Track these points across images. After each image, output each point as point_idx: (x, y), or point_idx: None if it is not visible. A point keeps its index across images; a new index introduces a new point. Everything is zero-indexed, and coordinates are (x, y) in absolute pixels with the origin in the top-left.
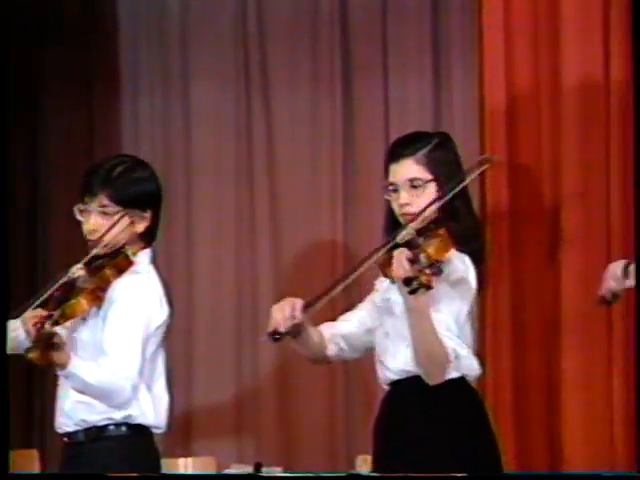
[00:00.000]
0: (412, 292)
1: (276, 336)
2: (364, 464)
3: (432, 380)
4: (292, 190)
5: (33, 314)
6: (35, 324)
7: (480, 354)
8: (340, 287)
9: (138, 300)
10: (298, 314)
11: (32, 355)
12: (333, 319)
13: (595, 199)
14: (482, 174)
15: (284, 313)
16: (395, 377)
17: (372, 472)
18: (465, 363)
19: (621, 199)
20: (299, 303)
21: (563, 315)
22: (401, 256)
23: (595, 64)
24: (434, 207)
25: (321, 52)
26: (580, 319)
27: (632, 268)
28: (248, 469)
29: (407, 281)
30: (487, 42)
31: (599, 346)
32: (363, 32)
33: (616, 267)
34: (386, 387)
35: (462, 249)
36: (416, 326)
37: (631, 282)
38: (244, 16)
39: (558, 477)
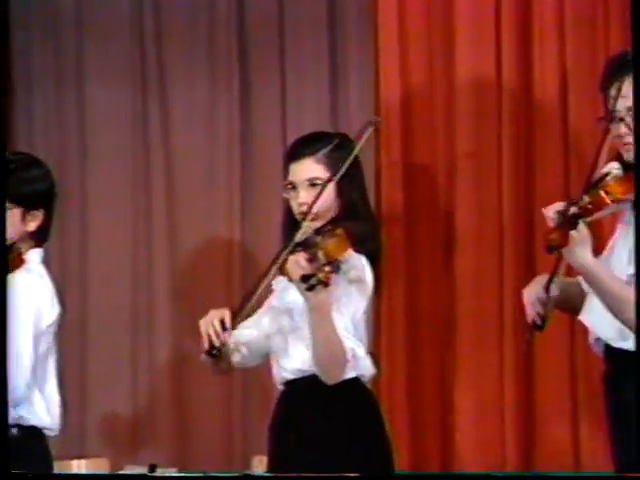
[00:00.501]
0: (310, 289)
1: (213, 352)
2: (260, 464)
3: (330, 380)
4: (189, 189)
5: None
6: None
7: (375, 354)
8: (259, 291)
9: (29, 298)
10: (229, 324)
11: None
12: None
13: (487, 200)
14: (378, 175)
15: (215, 327)
16: (291, 377)
17: (267, 472)
18: (362, 363)
19: (513, 199)
20: (228, 313)
21: (457, 316)
22: (298, 256)
23: (487, 64)
24: (331, 202)
25: (218, 52)
26: (473, 320)
27: (556, 280)
28: (142, 470)
29: (304, 278)
30: (382, 43)
31: (492, 347)
32: (260, 33)
33: (531, 290)
34: (281, 387)
35: (359, 249)
36: (317, 325)
37: (554, 293)
38: (140, 15)
39: (561, 478)
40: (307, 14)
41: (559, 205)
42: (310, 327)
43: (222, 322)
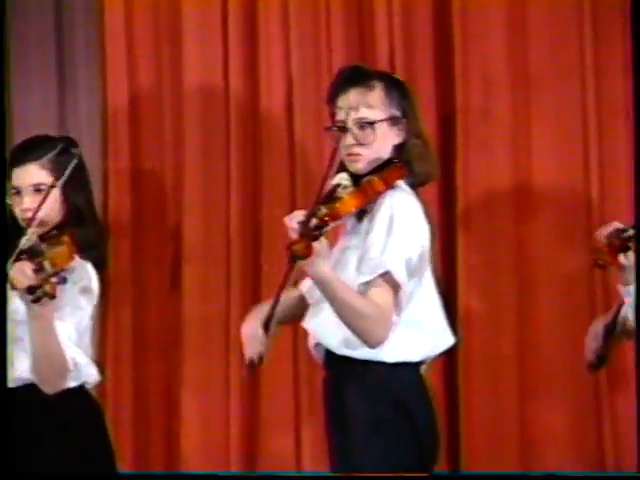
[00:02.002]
0: (36, 300)
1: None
2: None
3: (49, 389)
4: None
5: None
6: None
7: (100, 361)
8: None
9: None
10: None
11: None
12: None
13: (215, 209)
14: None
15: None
16: (15, 385)
17: None
18: (85, 371)
19: (240, 208)
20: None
21: (184, 325)
22: (24, 264)
23: (215, 71)
24: (56, 207)
25: None
26: (200, 329)
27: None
28: None
29: (30, 290)
30: (109, 46)
31: (217, 355)
32: None
33: (248, 328)
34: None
35: (85, 256)
36: (37, 334)
37: (273, 331)
38: None
39: (558, 477)
40: (33, 13)
41: (300, 215)
42: (30, 336)
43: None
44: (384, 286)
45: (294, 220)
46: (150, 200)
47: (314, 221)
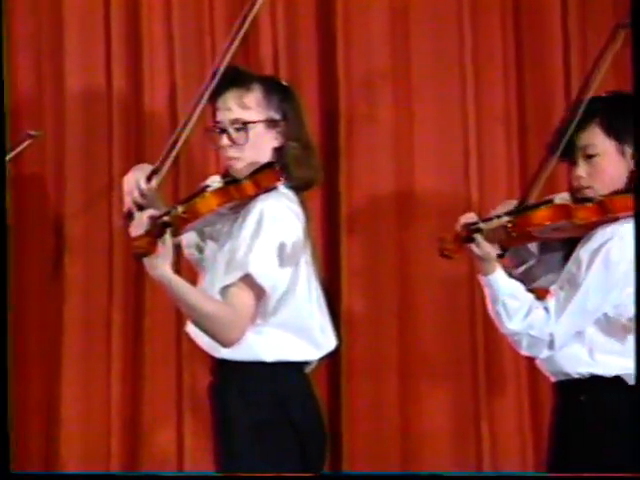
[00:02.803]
0: None
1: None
2: None
3: None
4: None
5: None
6: None
7: None
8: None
9: None
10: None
11: None
12: None
13: (97, 207)
14: None
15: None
16: None
17: None
18: None
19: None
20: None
21: (65, 323)
22: None
23: (97, 74)
24: None
25: None
26: (81, 328)
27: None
28: None
29: None
30: None
31: (100, 354)
32: None
33: (131, 178)
34: None
35: None
36: None
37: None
38: None
39: (558, 477)
40: None
41: (152, 212)
42: None
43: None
44: (244, 288)
45: (145, 215)
46: (30, 200)
47: (165, 218)
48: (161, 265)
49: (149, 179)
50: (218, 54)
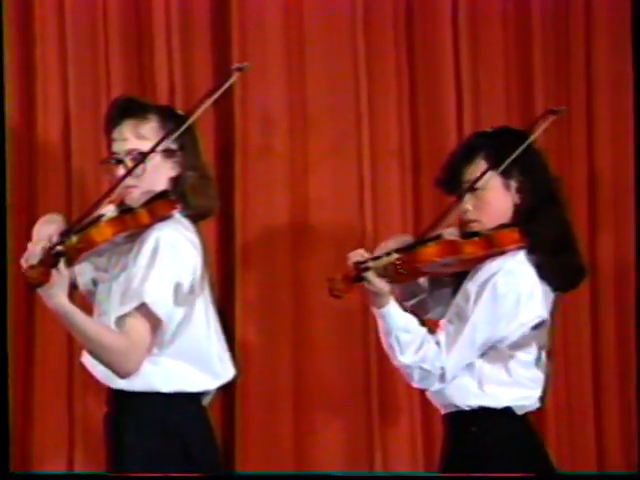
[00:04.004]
0: None
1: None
2: None
3: None
4: None
5: None
6: None
7: None
8: None
9: None
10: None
11: None
12: None
13: None
14: None
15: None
16: None
17: None
18: None
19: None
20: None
21: None
22: None
23: None
24: None
25: None
26: None
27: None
28: None
29: None
30: None
31: None
32: None
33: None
34: None
35: None
36: None
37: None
38: None
39: (558, 477)
40: None
41: (45, 241)
42: None
43: None
44: (139, 318)
45: (38, 246)
46: None
47: (58, 248)
48: (57, 295)
49: (64, 235)
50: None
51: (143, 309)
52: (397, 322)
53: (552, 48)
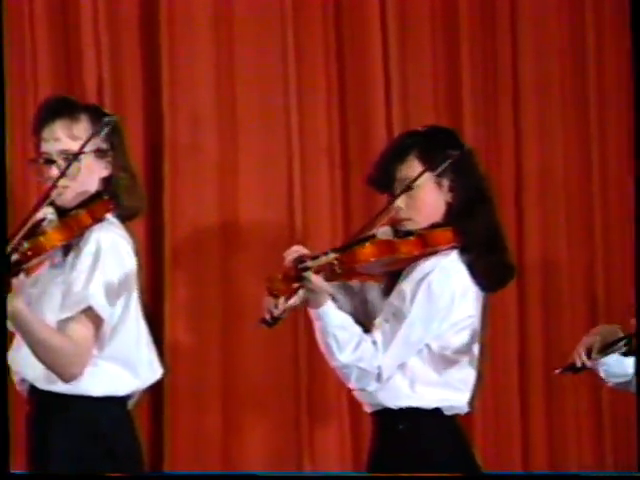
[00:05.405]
0: None
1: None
2: None
3: None
4: None
5: None
6: None
7: None
8: None
9: None
10: None
11: None
12: None
13: None
14: None
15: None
16: None
17: None
18: None
19: None
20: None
21: None
22: None
23: None
24: None
25: None
26: None
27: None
28: None
29: None
30: None
31: None
32: None
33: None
34: None
35: None
36: None
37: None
38: None
39: (558, 477)
40: None
41: None
42: None
43: None
44: (84, 321)
45: None
46: None
47: (15, 256)
48: (16, 301)
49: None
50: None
51: (88, 312)
52: (335, 321)
53: (479, 47)
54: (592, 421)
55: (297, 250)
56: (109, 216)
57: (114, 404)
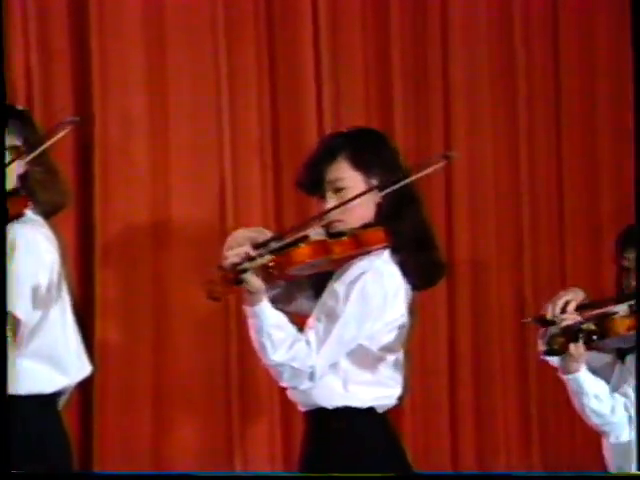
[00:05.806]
0: None
1: None
2: None
3: None
4: None
5: None
6: None
7: None
8: None
9: None
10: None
11: None
12: None
13: None
14: None
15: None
16: None
17: None
18: None
19: None
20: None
21: None
22: None
23: None
24: None
25: None
26: None
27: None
28: None
29: None
30: None
31: None
32: None
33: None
34: None
35: None
36: None
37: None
38: None
39: (557, 477)
40: None
41: None
42: None
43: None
44: None
45: None
46: None
47: None
48: None
49: None
50: None
51: None
52: (270, 320)
53: (410, 47)
54: (521, 421)
55: (240, 243)
56: (29, 212)
57: (41, 403)
